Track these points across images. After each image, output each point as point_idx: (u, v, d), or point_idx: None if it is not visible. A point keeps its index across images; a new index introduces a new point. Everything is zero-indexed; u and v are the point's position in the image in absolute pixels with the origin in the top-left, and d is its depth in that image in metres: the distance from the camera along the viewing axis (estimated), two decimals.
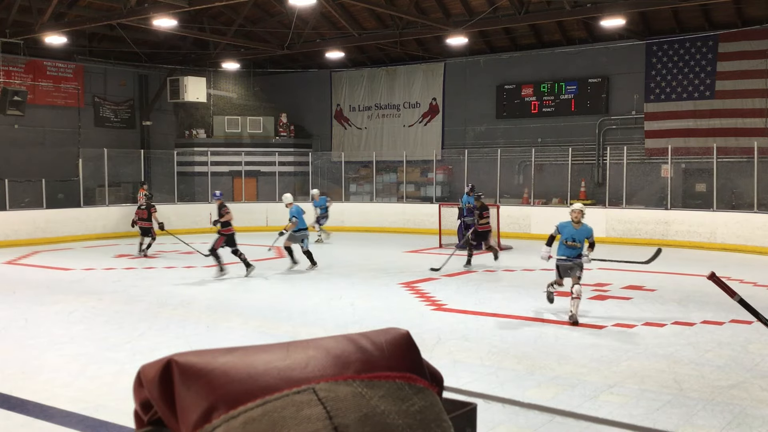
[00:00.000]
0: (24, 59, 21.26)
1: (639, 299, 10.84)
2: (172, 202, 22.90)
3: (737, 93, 18.71)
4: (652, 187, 19.65)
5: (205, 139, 24.32)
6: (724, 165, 18.56)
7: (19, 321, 9.58)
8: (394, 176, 24.17)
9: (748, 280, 12.55)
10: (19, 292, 11.75)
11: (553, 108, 21.57)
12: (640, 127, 20.32)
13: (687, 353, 7.68)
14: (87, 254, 16.93)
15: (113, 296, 11.36)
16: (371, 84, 25.16)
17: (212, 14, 21.02)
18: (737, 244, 17.16)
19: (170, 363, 1.11)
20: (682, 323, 9.15)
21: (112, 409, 5.86)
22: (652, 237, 18.59)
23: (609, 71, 20.81)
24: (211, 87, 24.76)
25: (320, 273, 13.87)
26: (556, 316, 9.61)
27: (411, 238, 20.36)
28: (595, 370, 7.03)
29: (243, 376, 1.06)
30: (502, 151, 21.71)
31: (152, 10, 16.61)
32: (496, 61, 22.56)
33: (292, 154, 24.79)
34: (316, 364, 1.10)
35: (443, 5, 19.95)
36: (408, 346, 1.26)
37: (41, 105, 22.06)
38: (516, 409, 5.64)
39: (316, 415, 0.98)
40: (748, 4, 17.96)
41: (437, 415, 1.11)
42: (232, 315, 9.88)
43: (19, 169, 20.68)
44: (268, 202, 23.55)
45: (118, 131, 24.29)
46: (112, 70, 23.98)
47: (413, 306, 10.47)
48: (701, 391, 6.40)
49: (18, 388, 6.51)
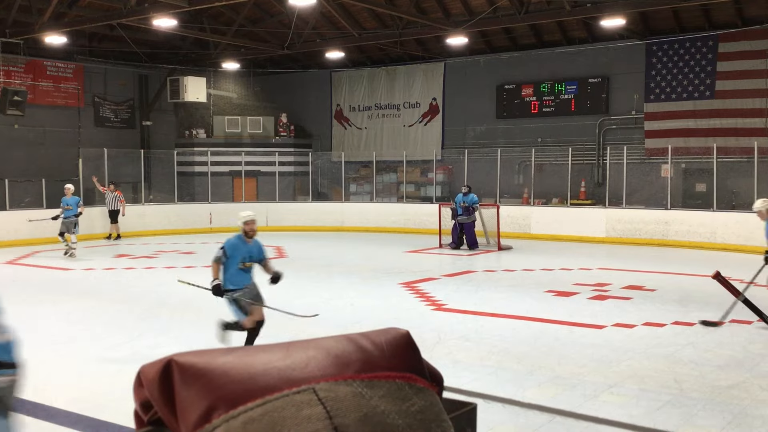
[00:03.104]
0: (24, 59, 21.26)
1: (639, 299, 10.84)
2: (172, 202, 22.91)
3: (737, 93, 18.71)
4: (652, 187, 19.65)
5: (205, 139, 24.33)
6: (724, 165, 18.57)
7: (19, 321, 9.56)
8: (394, 176, 24.17)
9: (748, 280, 12.54)
10: (19, 292, 11.75)
11: (553, 108, 21.57)
12: (640, 127, 20.32)
13: (687, 353, 7.68)
14: (87, 254, 16.94)
15: (113, 296, 11.37)
16: (371, 84, 25.16)
17: (212, 14, 21.02)
18: (737, 244, 17.16)
19: (170, 363, 1.11)
20: (682, 323, 9.15)
21: (112, 409, 5.85)
22: (652, 237, 18.60)
23: (609, 71, 20.81)
24: (211, 87, 24.76)
25: (320, 273, 13.87)
26: (556, 316, 9.61)
27: (411, 238, 20.36)
28: (595, 370, 7.03)
29: (243, 376, 1.06)
30: (502, 151, 21.71)
31: (152, 10, 16.61)
32: (496, 61, 22.56)
33: (292, 154, 24.79)
34: (316, 364, 1.10)
35: (443, 5, 19.95)
36: (408, 346, 1.26)
37: (41, 105, 22.06)
38: (516, 409, 5.65)
39: (316, 415, 0.98)
40: (748, 4, 17.96)
41: (437, 415, 1.11)
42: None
43: (19, 169, 20.67)
44: (268, 202, 23.56)
45: (118, 131, 24.29)
46: (112, 70, 23.98)
47: (413, 306, 10.47)
48: (701, 391, 6.40)
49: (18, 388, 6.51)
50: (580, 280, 12.59)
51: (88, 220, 19.77)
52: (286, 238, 20.43)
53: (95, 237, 20.04)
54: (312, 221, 23.16)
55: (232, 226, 24.86)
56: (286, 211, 23.45)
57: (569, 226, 19.63)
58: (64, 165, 21.50)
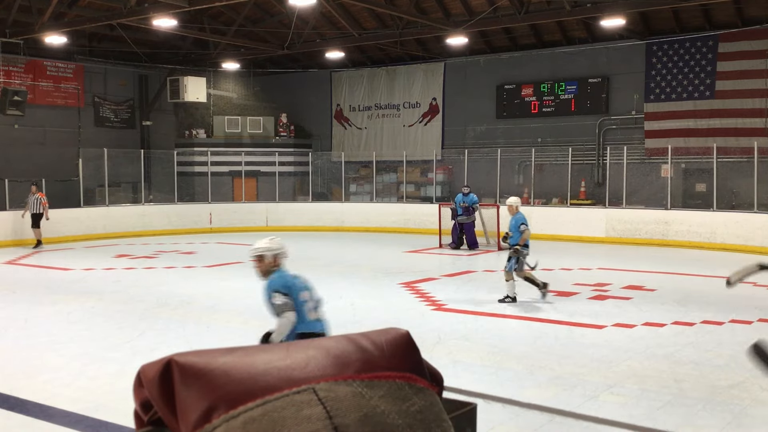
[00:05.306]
0: (24, 59, 21.26)
1: (639, 299, 10.84)
2: (172, 202, 22.90)
3: (737, 93, 18.70)
4: (652, 187, 19.64)
5: (205, 139, 24.32)
6: (724, 165, 18.56)
7: (19, 321, 9.58)
8: (394, 176, 24.17)
9: (748, 280, 12.54)
10: (19, 292, 11.75)
11: (553, 108, 21.57)
12: (640, 127, 20.32)
13: (687, 353, 7.68)
14: (87, 254, 16.94)
15: (113, 296, 11.36)
16: (371, 84, 25.16)
17: (212, 14, 21.02)
18: (737, 244, 17.16)
19: (170, 363, 1.11)
20: (682, 323, 9.15)
21: (112, 409, 5.86)
22: (652, 237, 18.59)
23: (609, 71, 20.81)
24: (211, 87, 24.75)
25: (320, 273, 13.87)
26: (556, 316, 9.61)
27: (411, 238, 20.36)
28: (595, 370, 7.03)
29: (243, 376, 1.06)
30: (502, 151, 21.71)
31: (152, 10, 16.61)
32: (496, 61, 22.56)
33: (292, 154, 24.79)
34: (316, 364, 1.10)
35: (443, 5, 19.94)
36: (408, 346, 1.27)
37: (41, 105, 22.06)
38: (516, 409, 5.64)
39: (316, 415, 0.98)
40: (748, 4, 17.96)
41: (437, 414, 1.11)
42: (232, 315, 9.88)
43: (19, 169, 20.67)
44: (268, 202, 23.56)
45: (118, 131, 24.29)
46: (112, 70, 23.98)
47: (413, 306, 10.47)
48: (701, 391, 6.40)
49: (18, 388, 6.52)
50: (580, 280, 12.59)
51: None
52: (286, 238, 20.32)
53: (95, 237, 20.02)
54: (312, 221, 23.15)
55: (233, 226, 24.90)
56: (286, 211, 23.45)
57: (569, 226, 19.62)
58: (64, 165, 21.48)
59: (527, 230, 10.59)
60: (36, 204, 18.00)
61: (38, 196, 18.06)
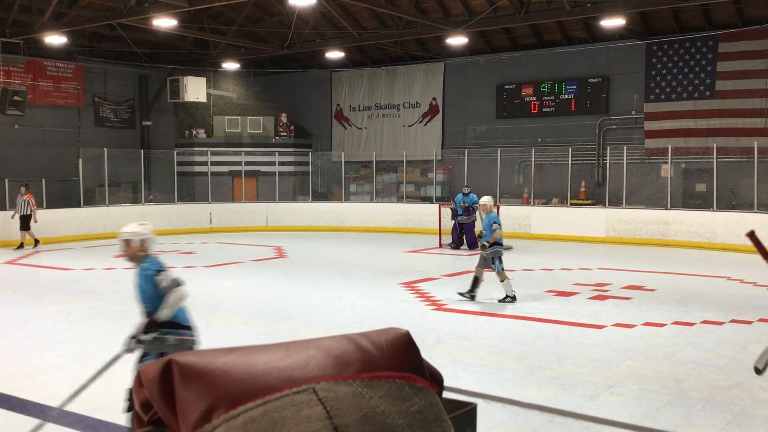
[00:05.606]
0: (24, 59, 21.26)
1: (639, 299, 10.84)
2: (172, 202, 22.91)
3: (737, 93, 18.70)
4: (652, 187, 19.65)
5: (205, 139, 24.32)
6: (724, 165, 18.57)
7: (19, 321, 9.58)
8: (394, 176, 24.17)
9: (748, 280, 12.55)
10: (19, 292, 11.75)
11: (553, 108, 21.57)
12: (640, 127, 20.32)
13: (687, 353, 7.68)
14: (87, 254, 16.93)
15: (113, 296, 11.36)
16: (371, 84, 25.16)
17: (212, 14, 21.02)
18: (737, 244, 17.14)
19: (170, 363, 1.11)
20: (682, 323, 9.15)
21: (112, 409, 5.85)
22: (652, 237, 18.59)
23: (609, 71, 20.81)
24: (211, 87, 24.76)
25: (320, 273, 13.87)
26: (556, 316, 9.61)
27: (411, 238, 20.36)
28: (595, 370, 7.03)
29: (243, 376, 1.06)
30: (502, 151, 21.71)
31: (152, 10, 16.61)
32: (496, 61, 22.56)
33: (292, 154, 24.79)
34: (316, 364, 1.10)
35: (443, 5, 19.94)
36: (408, 346, 1.27)
37: (41, 105, 22.06)
38: (516, 409, 5.64)
39: (316, 415, 0.98)
40: (748, 4, 17.96)
41: (437, 414, 1.11)
42: (232, 315, 9.88)
43: (19, 169, 20.67)
44: (268, 202, 23.57)
45: (118, 131, 24.29)
46: (112, 70, 23.98)
47: (413, 306, 10.47)
48: (701, 391, 6.40)
49: (18, 388, 6.52)
50: (580, 280, 12.59)
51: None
52: (286, 238, 20.45)
53: (95, 237, 20.02)
54: (312, 221, 23.15)
55: (233, 226, 24.92)
56: (286, 211, 23.45)
57: (569, 226, 19.62)
58: (64, 165, 21.49)
59: (499, 229, 10.76)
60: (24, 206, 17.86)
61: (26, 198, 17.90)
